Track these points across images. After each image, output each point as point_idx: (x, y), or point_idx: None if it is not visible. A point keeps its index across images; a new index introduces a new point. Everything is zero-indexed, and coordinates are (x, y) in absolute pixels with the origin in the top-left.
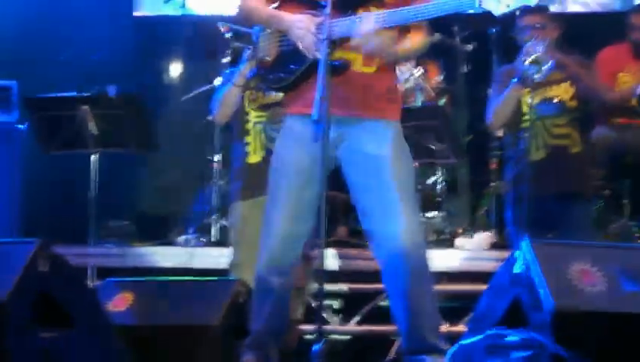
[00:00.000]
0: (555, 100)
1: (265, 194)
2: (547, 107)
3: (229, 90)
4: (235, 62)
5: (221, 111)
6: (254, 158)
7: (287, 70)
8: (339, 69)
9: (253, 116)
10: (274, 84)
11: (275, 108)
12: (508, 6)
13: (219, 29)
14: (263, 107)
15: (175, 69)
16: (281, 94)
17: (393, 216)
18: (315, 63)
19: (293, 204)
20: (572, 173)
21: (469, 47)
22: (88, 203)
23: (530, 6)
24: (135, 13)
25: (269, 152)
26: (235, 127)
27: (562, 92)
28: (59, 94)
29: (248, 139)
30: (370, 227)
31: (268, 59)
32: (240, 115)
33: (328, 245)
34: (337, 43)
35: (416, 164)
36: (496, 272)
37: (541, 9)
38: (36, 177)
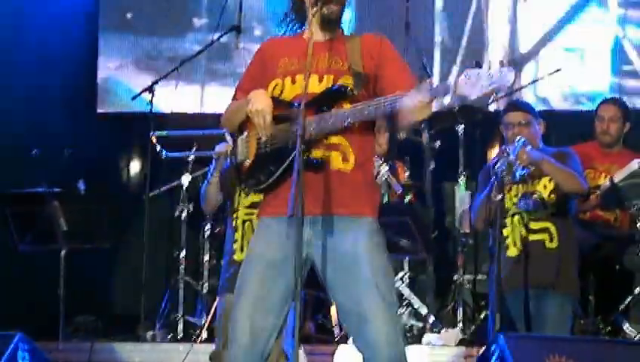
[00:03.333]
0: (534, 196)
1: None
2: (526, 202)
3: (207, 186)
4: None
5: (206, 205)
6: (241, 256)
7: (266, 172)
8: (316, 167)
9: (243, 213)
10: (254, 187)
11: None
12: (482, 88)
13: (184, 125)
14: (254, 205)
15: (142, 165)
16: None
17: (372, 318)
18: (292, 164)
19: (260, 298)
20: (547, 268)
21: (437, 144)
22: (58, 299)
23: (513, 103)
24: (99, 110)
25: None
26: (229, 223)
27: (541, 187)
28: (29, 190)
29: (237, 236)
30: (349, 327)
31: (247, 162)
32: (232, 210)
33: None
34: (313, 141)
35: None
36: None
37: (526, 106)
38: (6, 273)
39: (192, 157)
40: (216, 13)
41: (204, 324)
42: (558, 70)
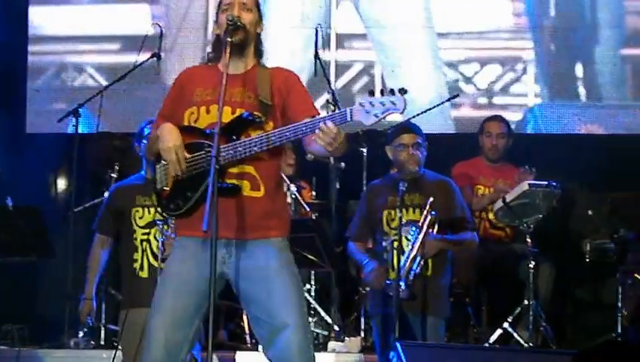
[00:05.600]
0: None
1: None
2: (407, 228)
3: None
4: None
5: None
6: (142, 274)
7: (184, 197)
8: (229, 192)
9: (140, 233)
10: (174, 212)
11: None
12: (376, 116)
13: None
14: (149, 225)
15: (67, 182)
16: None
17: (284, 328)
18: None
19: (174, 313)
20: (424, 294)
21: (342, 165)
22: None
23: (407, 125)
24: (28, 131)
25: (154, 269)
26: (124, 242)
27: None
28: None
29: (136, 255)
30: (262, 337)
31: (166, 189)
32: (127, 231)
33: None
34: (226, 169)
35: None
36: None
37: (418, 128)
38: None
39: (115, 175)
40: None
41: None
42: (456, 96)
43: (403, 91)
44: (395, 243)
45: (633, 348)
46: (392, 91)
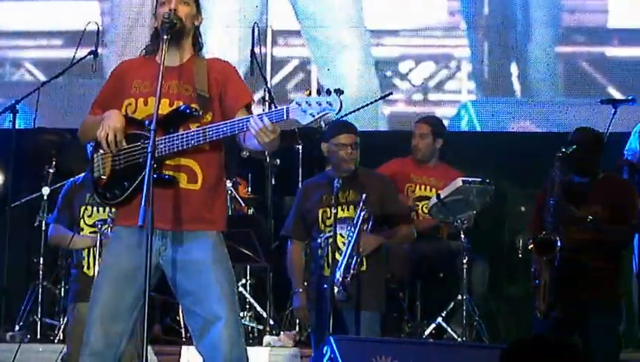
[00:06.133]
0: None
1: None
2: (343, 225)
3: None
4: (61, 171)
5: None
6: (89, 272)
7: (121, 187)
8: (166, 183)
9: (87, 232)
10: (111, 201)
11: None
12: (312, 115)
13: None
14: (98, 222)
15: (4, 178)
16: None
17: (216, 321)
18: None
19: (112, 304)
20: (359, 289)
21: (277, 161)
22: None
23: (345, 124)
24: None
25: None
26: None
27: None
28: None
29: (84, 253)
30: (194, 329)
31: (103, 177)
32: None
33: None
34: (163, 160)
35: None
36: None
37: (355, 128)
38: None
39: (52, 170)
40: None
41: (61, 326)
42: (389, 93)
43: (339, 92)
44: (330, 240)
45: (561, 342)
46: (328, 91)
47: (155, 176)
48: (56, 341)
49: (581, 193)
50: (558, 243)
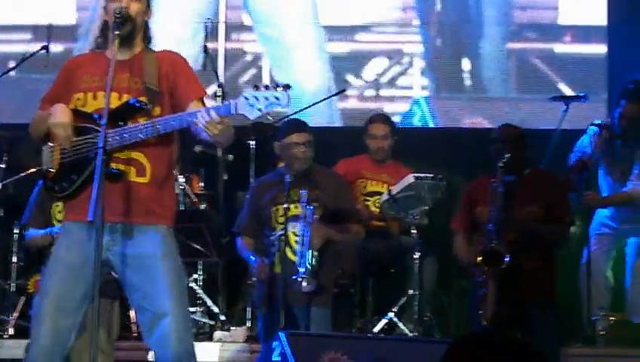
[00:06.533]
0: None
1: None
2: (294, 223)
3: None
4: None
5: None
6: None
7: (69, 180)
8: (115, 177)
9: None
10: (59, 194)
11: None
12: (260, 110)
13: None
14: None
15: None
16: None
17: (165, 316)
18: (94, 172)
19: (62, 299)
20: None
21: (230, 157)
22: None
23: (298, 123)
24: None
25: None
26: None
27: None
28: None
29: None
30: (143, 324)
31: (52, 170)
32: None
33: None
34: (113, 154)
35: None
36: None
37: (307, 126)
38: None
39: (3, 165)
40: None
41: (12, 321)
42: (343, 91)
43: (287, 87)
44: (282, 238)
45: (506, 336)
46: (276, 86)
47: (104, 169)
48: (6, 336)
49: (511, 191)
50: (507, 259)
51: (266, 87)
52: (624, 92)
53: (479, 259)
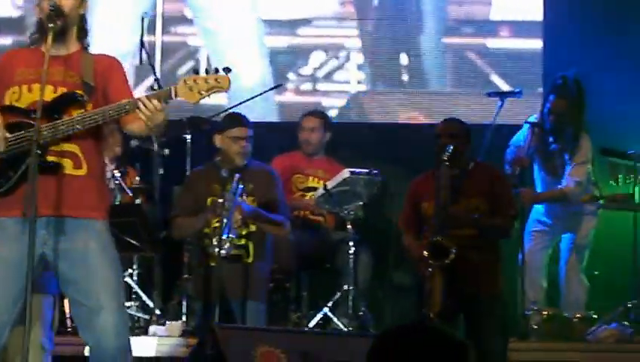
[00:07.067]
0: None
1: None
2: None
3: None
4: None
5: None
6: None
7: (6, 176)
8: (51, 170)
9: None
10: None
11: None
12: (201, 93)
13: None
14: None
15: None
16: None
17: (100, 311)
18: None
19: None
20: (245, 280)
21: (166, 151)
22: None
23: (239, 118)
24: None
25: None
26: None
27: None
28: None
29: None
30: (79, 319)
31: None
32: None
33: None
34: (48, 147)
35: None
36: (189, 355)
37: (248, 120)
38: None
39: None
40: None
41: None
42: (280, 85)
43: (227, 70)
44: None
45: (432, 329)
46: (216, 70)
47: (39, 163)
48: None
49: (456, 185)
50: (453, 251)
51: (207, 70)
52: (552, 87)
53: (425, 253)
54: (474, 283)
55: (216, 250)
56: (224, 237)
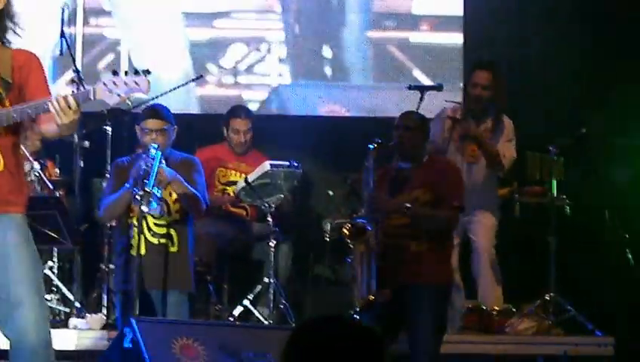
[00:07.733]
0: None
1: None
2: (152, 206)
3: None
4: None
5: None
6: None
7: None
8: None
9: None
10: None
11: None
12: (119, 95)
13: None
14: None
15: None
16: None
17: (20, 306)
18: None
19: None
20: (169, 269)
21: (86, 143)
22: None
23: (155, 110)
24: None
25: None
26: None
27: (166, 194)
28: None
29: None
30: None
31: None
32: None
33: None
34: None
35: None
36: (107, 348)
37: (165, 113)
38: None
39: None
40: None
41: None
42: (200, 77)
43: (147, 72)
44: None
45: (348, 322)
46: (136, 72)
47: None
48: None
49: (404, 179)
50: (369, 228)
51: (126, 72)
52: (475, 63)
53: (345, 231)
54: (409, 273)
55: (141, 206)
56: (147, 189)
